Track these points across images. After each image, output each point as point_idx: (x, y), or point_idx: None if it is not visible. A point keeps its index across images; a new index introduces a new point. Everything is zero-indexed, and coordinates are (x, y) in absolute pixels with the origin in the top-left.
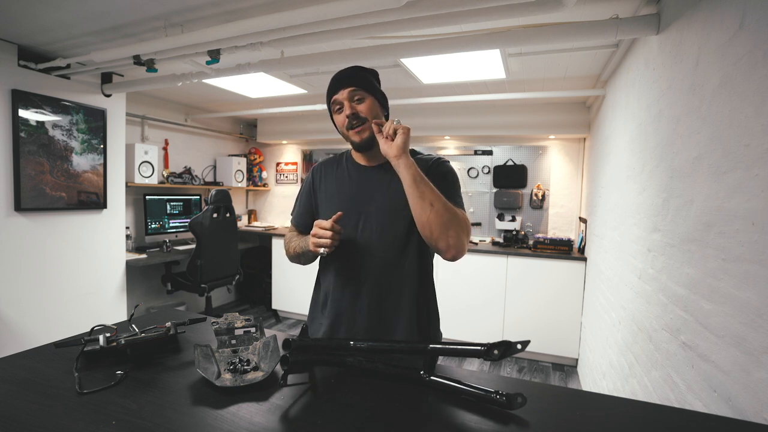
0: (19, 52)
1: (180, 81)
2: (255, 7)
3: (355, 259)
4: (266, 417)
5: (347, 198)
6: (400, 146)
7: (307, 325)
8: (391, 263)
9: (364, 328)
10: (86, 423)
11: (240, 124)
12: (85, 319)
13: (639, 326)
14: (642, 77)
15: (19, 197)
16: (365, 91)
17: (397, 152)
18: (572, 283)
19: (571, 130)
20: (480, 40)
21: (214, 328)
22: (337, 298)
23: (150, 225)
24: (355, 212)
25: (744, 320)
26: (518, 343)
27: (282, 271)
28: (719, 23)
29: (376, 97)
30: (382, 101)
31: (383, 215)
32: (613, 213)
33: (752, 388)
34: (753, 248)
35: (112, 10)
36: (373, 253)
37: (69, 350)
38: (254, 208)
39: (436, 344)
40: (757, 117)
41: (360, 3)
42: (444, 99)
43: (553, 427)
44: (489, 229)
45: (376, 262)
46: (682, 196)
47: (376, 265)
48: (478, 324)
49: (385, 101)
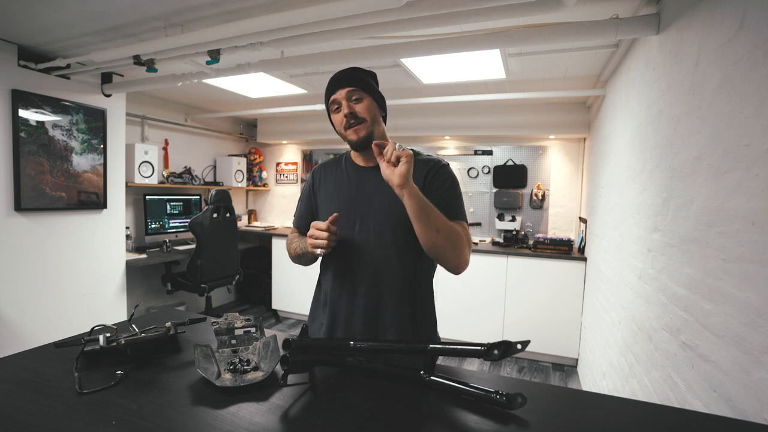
0: (19, 52)
1: (180, 81)
2: (255, 7)
3: (353, 260)
4: (266, 417)
5: (346, 199)
6: (404, 175)
7: (308, 324)
8: (388, 264)
9: (360, 329)
10: (86, 423)
11: (240, 124)
12: (85, 319)
13: (639, 326)
14: (642, 77)
15: (19, 197)
16: (363, 91)
17: (401, 181)
18: (572, 283)
19: (571, 130)
20: (480, 40)
21: (214, 328)
22: (335, 298)
23: (150, 225)
24: (354, 213)
25: (744, 320)
26: (518, 343)
27: (282, 271)
28: (719, 23)
29: (374, 97)
30: (380, 102)
31: (381, 216)
32: (613, 213)
33: (752, 388)
34: (753, 248)
35: (112, 10)
36: (371, 254)
37: (69, 350)
38: (254, 208)
39: (436, 344)
40: (757, 117)
41: (360, 3)
42: (444, 99)
43: (553, 427)
44: (489, 229)
45: (373, 262)
46: (682, 196)
47: (373, 265)
48: (478, 324)
49: (383, 102)
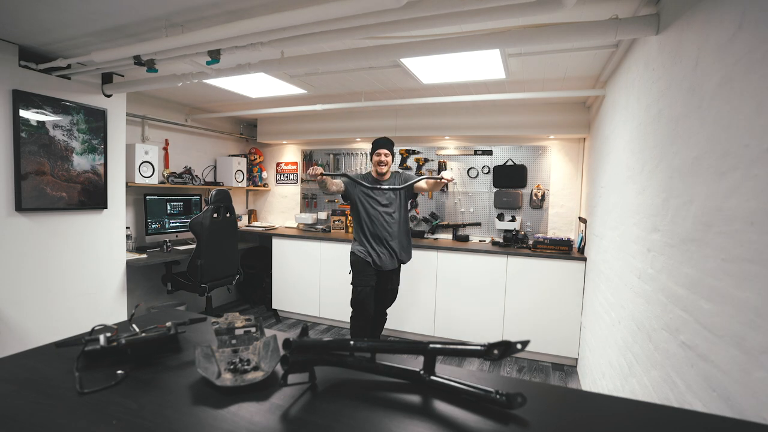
0: (20, 53)
1: (180, 81)
2: (255, 7)
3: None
4: (266, 417)
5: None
6: (448, 179)
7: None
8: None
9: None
10: (87, 423)
11: (240, 124)
12: (86, 318)
13: (639, 326)
14: (642, 77)
15: (19, 197)
16: (390, 152)
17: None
18: (572, 283)
19: (571, 130)
20: (480, 40)
21: (215, 328)
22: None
23: (150, 225)
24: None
25: (743, 320)
26: (518, 343)
27: (282, 271)
28: (719, 23)
29: (392, 154)
30: (393, 153)
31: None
32: (613, 213)
33: (751, 388)
34: (752, 248)
35: (112, 11)
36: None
37: (70, 350)
38: (254, 208)
39: (436, 344)
40: (757, 117)
41: (360, 3)
42: (444, 99)
43: (553, 427)
44: (489, 229)
45: (395, 224)
46: (681, 196)
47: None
48: (478, 324)
49: (393, 150)
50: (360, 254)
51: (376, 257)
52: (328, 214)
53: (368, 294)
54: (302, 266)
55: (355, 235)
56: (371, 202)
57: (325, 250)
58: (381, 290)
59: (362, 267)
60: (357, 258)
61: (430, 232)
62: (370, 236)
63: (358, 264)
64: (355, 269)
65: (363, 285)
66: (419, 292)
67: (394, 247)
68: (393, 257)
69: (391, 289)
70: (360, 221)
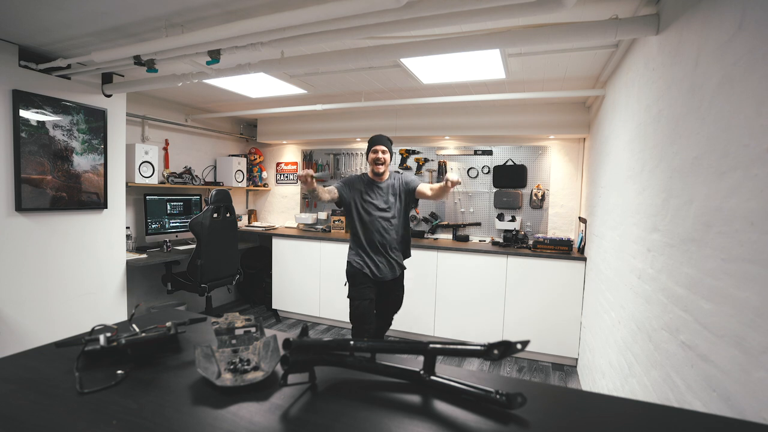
0: (20, 53)
1: (180, 81)
2: (255, 7)
3: (378, 232)
4: (266, 417)
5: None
6: (455, 181)
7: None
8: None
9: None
10: (87, 422)
11: (240, 124)
12: (86, 318)
13: (638, 326)
14: (641, 77)
15: (20, 197)
16: (388, 150)
17: (453, 184)
18: (572, 283)
19: (571, 130)
20: (480, 40)
21: (215, 328)
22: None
23: (150, 225)
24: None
25: (743, 320)
26: (518, 343)
27: (282, 271)
28: (719, 23)
29: (390, 152)
30: (391, 152)
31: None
32: (613, 213)
33: (751, 388)
34: (752, 248)
35: (112, 11)
36: (390, 225)
37: (70, 350)
38: (254, 208)
39: (436, 344)
40: (757, 117)
41: (360, 3)
42: (444, 99)
43: (553, 427)
44: (489, 229)
45: (390, 228)
46: (681, 196)
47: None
48: (478, 324)
49: (391, 148)
50: (356, 265)
51: (374, 267)
52: (328, 214)
53: (367, 308)
54: (302, 266)
55: (351, 243)
56: (368, 207)
57: (325, 250)
58: (382, 302)
59: (360, 279)
60: (353, 269)
61: (430, 232)
62: (366, 244)
63: (355, 276)
64: (352, 281)
65: (361, 299)
66: (419, 292)
67: (393, 256)
68: (393, 266)
69: (394, 300)
70: (355, 228)
